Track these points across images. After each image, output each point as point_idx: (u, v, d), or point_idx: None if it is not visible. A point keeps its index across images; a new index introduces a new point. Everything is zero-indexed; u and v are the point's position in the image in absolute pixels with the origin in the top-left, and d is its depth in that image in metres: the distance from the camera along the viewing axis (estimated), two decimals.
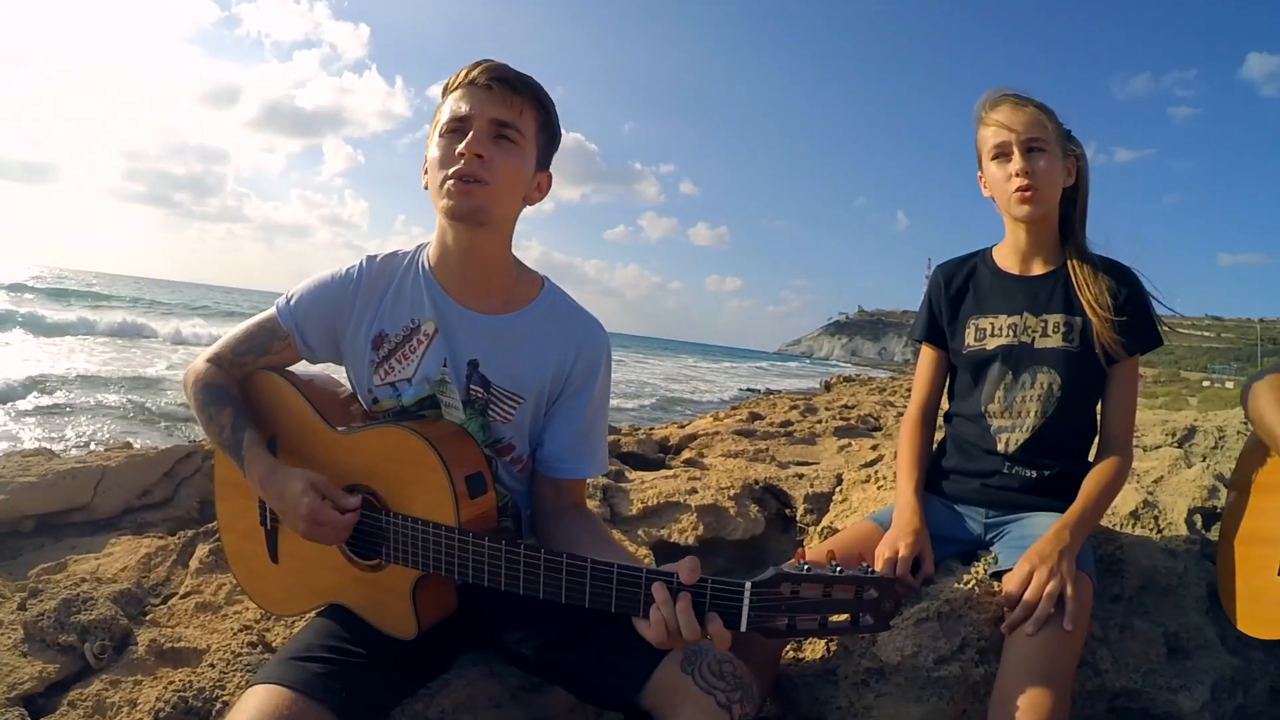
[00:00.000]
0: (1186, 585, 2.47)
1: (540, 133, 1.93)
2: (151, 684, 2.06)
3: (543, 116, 1.93)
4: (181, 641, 2.24)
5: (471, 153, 1.80)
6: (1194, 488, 3.01)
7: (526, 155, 1.89)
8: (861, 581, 1.46)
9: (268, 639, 2.27)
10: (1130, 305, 2.22)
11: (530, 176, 1.93)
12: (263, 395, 2.03)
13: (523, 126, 1.87)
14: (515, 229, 2.01)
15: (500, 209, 1.88)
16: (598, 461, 2.09)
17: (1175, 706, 2.17)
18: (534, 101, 1.89)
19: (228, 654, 2.15)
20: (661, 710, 1.71)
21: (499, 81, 1.84)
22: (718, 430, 5.97)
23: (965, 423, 2.39)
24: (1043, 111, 2.25)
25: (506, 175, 1.85)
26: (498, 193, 1.84)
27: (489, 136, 1.83)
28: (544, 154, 1.97)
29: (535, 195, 1.99)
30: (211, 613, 2.41)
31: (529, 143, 1.89)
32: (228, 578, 2.50)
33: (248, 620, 2.35)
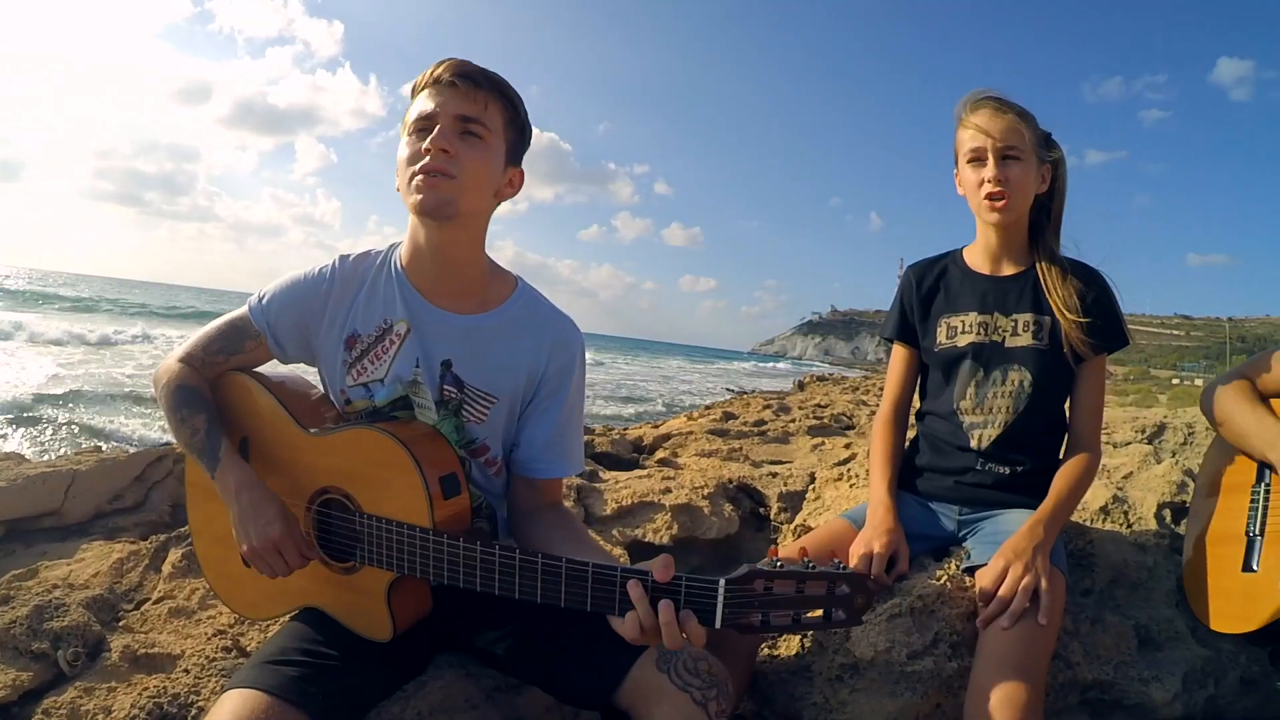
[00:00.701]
0: (1156, 579, 2.51)
1: (508, 127, 1.92)
2: (126, 691, 2.04)
3: (509, 111, 1.92)
4: (155, 647, 2.22)
5: (437, 148, 1.80)
6: (1163, 483, 3.04)
7: (493, 150, 1.88)
8: (834, 577, 1.47)
9: (242, 643, 2.25)
10: (1098, 307, 2.26)
11: (499, 171, 1.93)
12: (234, 397, 2.01)
13: (488, 121, 1.86)
14: (489, 229, 2.00)
15: (467, 203, 1.87)
16: (573, 461, 2.08)
17: (1147, 698, 2.20)
18: (500, 96, 1.89)
19: (202, 659, 2.14)
20: (637, 709, 1.71)
21: (463, 78, 1.84)
22: (691, 430, 5.99)
23: (937, 420, 2.41)
24: (1022, 119, 2.27)
25: (473, 169, 1.84)
26: (464, 186, 1.84)
27: (455, 132, 1.83)
28: (513, 149, 1.96)
29: (507, 191, 1.98)
30: (185, 618, 2.39)
31: (496, 137, 1.88)
32: (201, 582, 2.48)
33: (221, 625, 2.33)
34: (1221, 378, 2.39)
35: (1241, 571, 2.12)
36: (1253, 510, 2.17)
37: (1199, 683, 2.29)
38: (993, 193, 2.24)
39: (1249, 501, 2.19)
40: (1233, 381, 2.30)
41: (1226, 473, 2.32)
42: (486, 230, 2.00)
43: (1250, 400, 2.22)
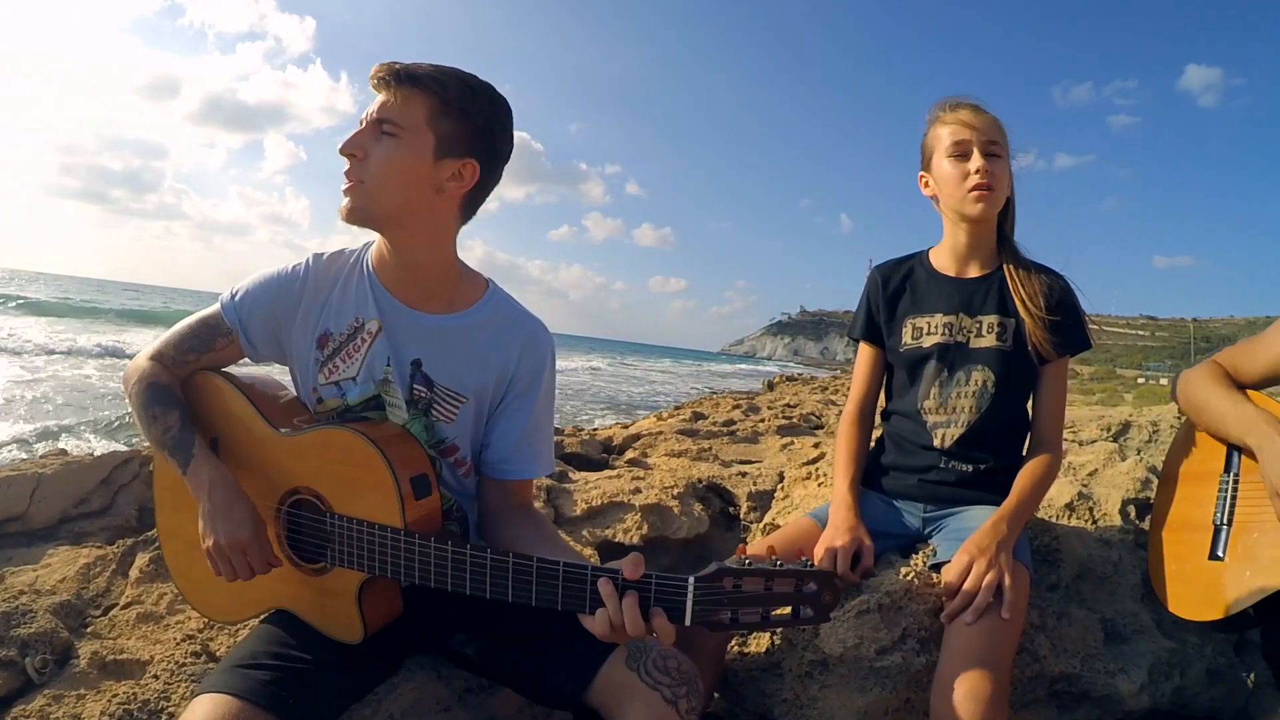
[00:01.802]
0: (1121, 573, 2.56)
1: (436, 118, 1.83)
2: (95, 698, 2.02)
3: (436, 102, 1.83)
4: (124, 653, 2.20)
5: (345, 153, 1.80)
6: (1128, 480, 3.09)
7: (410, 144, 1.81)
8: (801, 575, 1.49)
9: (211, 648, 2.24)
10: (1062, 308, 2.29)
11: (427, 165, 1.84)
12: (204, 396, 2.00)
13: (403, 117, 1.80)
14: (457, 230, 1.97)
15: (383, 206, 1.83)
16: (543, 462, 2.08)
17: (1114, 689, 2.24)
18: (420, 89, 1.82)
19: (171, 664, 2.13)
20: (609, 707, 1.72)
21: (382, 80, 1.82)
22: (661, 430, 6.00)
23: (902, 419, 2.43)
24: (999, 122, 2.32)
25: (381, 170, 1.80)
26: (372, 190, 1.80)
27: (371, 135, 1.81)
28: (449, 140, 1.85)
29: (453, 185, 1.88)
30: (154, 623, 2.37)
31: (415, 131, 1.81)
32: (169, 587, 2.47)
33: (191, 630, 2.32)
34: (1194, 365, 2.41)
35: (1208, 560, 2.15)
36: (1220, 499, 2.19)
37: (1165, 674, 2.33)
38: (981, 183, 2.25)
39: (1216, 491, 2.21)
40: (1203, 367, 2.33)
41: (1194, 462, 2.34)
42: (450, 230, 1.97)
43: (1225, 385, 2.24)
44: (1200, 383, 2.29)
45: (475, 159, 1.88)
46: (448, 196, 1.88)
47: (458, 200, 1.92)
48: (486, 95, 1.89)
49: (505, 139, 1.94)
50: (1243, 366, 2.27)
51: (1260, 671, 2.51)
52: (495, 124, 1.91)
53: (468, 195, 1.92)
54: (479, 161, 1.89)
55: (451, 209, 1.92)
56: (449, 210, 1.92)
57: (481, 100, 1.88)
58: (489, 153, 1.91)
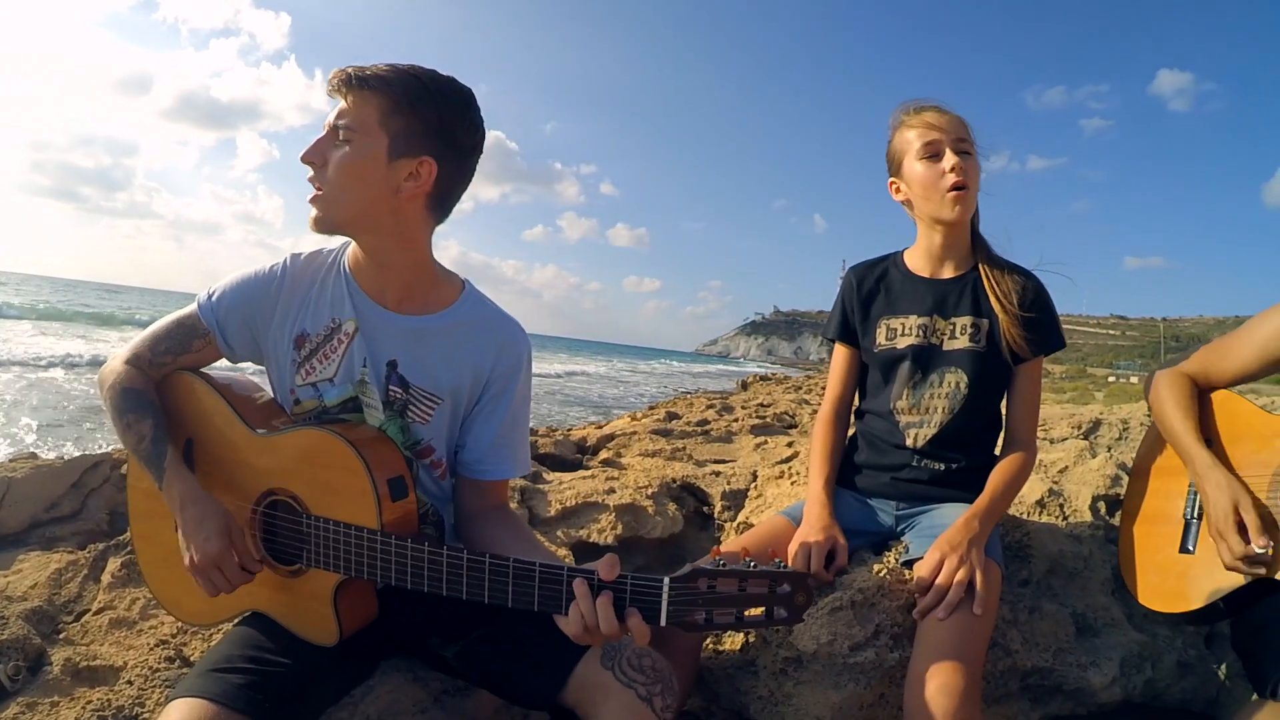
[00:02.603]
0: (1092, 568, 2.60)
1: (389, 118, 1.80)
2: (69, 705, 2.00)
3: (388, 101, 1.80)
4: (98, 660, 2.18)
5: (305, 161, 1.82)
6: (1098, 476, 3.13)
7: (364, 147, 1.79)
8: (775, 576, 1.50)
9: (185, 653, 2.23)
10: (1036, 307, 2.31)
11: (381, 167, 1.81)
12: (180, 397, 1.98)
13: (356, 120, 1.79)
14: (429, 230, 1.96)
15: (344, 211, 1.82)
16: (519, 462, 2.08)
17: (1086, 682, 2.28)
18: (372, 90, 1.80)
19: (145, 670, 2.11)
20: (584, 707, 1.73)
21: (335, 86, 1.81)
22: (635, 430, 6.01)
23: (876, 419, 2.45)
24: (964, 120, 2.33)
25: (338, 175, 1.79)
26: (331, 196, 1.80)
27: (329, 142, 1.81)
28: (402, 139, 1.81)
29: (411, 185, 1.84)
30: (127, 628, 2.36)
31: (368, 133, 1.79)
32: (142, 591, 2.45)
33: (164, 635, 2.30)
34: (1166, 365, 2.45)
35: (1178, 553, 2.20)
36: (1191, 494, 2.24)
37: (1136, 667, 2.37)
38: (957, 182, 2.26)
39: (1187, 486, 2.26)
40: (1173, 377, 2.36)
41: (1165, 458, 2.39)
42: (420, 231, 1.94)
43: (1181, 407, 2.28)
44: (1164, 402, 2.33)
45: (432, 157, 1.85)
46: (407, 197, 1.85)
47: (420, 200, 1.88)
48: (440, 90, 1.85)
49: (466, 132, 1.90)
50: (1214, 368, 2.32)
51: (1231, 663, 2.55)
52: (451, 118, 1.87)
53: (432, 194, 1.89)
54: (436, 159, 1.85)
55: (417, 209, 1.89)
56: (414, 210, 1.89)
57: (434, 95, 1.84)
58: (447, 149, 1.87)
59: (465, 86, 1.88)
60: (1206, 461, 2.14)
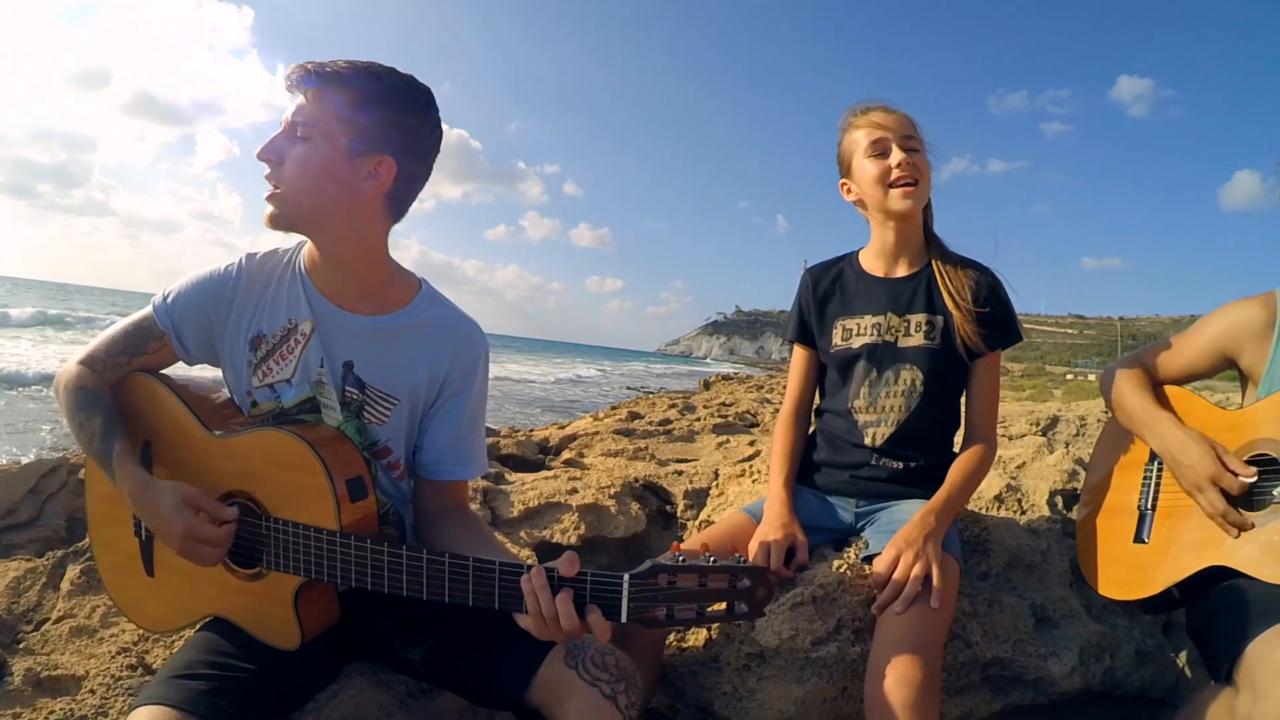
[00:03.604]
0: (1050, 561, 2.64)
1: (349, 116, 1.79)
2: (31, 715, 1.99)
3: (349, 99, 1.78)
4: (59, 669, 2.16)
5: (261, 159, 1.81)
6: (1055, 472, 3.18)
7: (323, 145, 1.78)
8: (735, 571, 1.52)
9: (147, 660, 2.21)
10: (991, 302, 2.34)
11: (342, 164, 1.80)
12: (138, 399, 1.96)
13: (314, 118, 1.78)
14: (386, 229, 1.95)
15: (301, 208, 1.82)
16: (476, 463, 2.08)
17: (1046, 672, 2.32)
18: (332, 87, 1.78)
19: (107, 678, 2.10)
20: (549, 706, 1.73)
21: (294, 81, 1.80)
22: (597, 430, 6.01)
23: (834, 418, 2.47)
24: (911, 118, 2.36)
25: (294, 173, 1.79)
26: (289, 194, 1.80)
27: (286, 139, 1.80)
28: (363, 138, 1.81)
29: (370, 185, 1.84)
30: (88, 636, 2.34)
31: (327, 131, 1.78)
32: (102, 599, 2.43)
33: (125, 642, 2.28)
34: (1120, 361, 2.51)
35: (1133, 543, 2.25)
36: (1145, 485, 2.30)
37: (1095, 656, 2.42)
38: (902, 177, 2.28)
39: (1141, 478, 2.31)
40: (1128, 368, 2.42)
41: (1121, 451, 2.44)
42: (377, 230, 1.93)
43: (1140, 387, 2.35)
44: (1119, 383, 2.40)
45: (391, 156, 1.84)
46: (366, 196, 1.85)
47: (378, 199, 1.87)
48: (400, 88, 1.84)
49: (426, 130, 1.90)
50: (1166, 365, 2.39)
51: (1189, 651, 2.62)
52: (410, 117, 1.86)
53: (390, 193, 1.88)
54: (395, 158, 1.85)
55: (374, 208, 1.88)
56: (372, 210, 1.88)
57: (395, 94, 1.83)
58: (406, 148, 1.87)
59: (424, 85, 1.88)
60: (1172, 422, 2.21)
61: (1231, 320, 2.27)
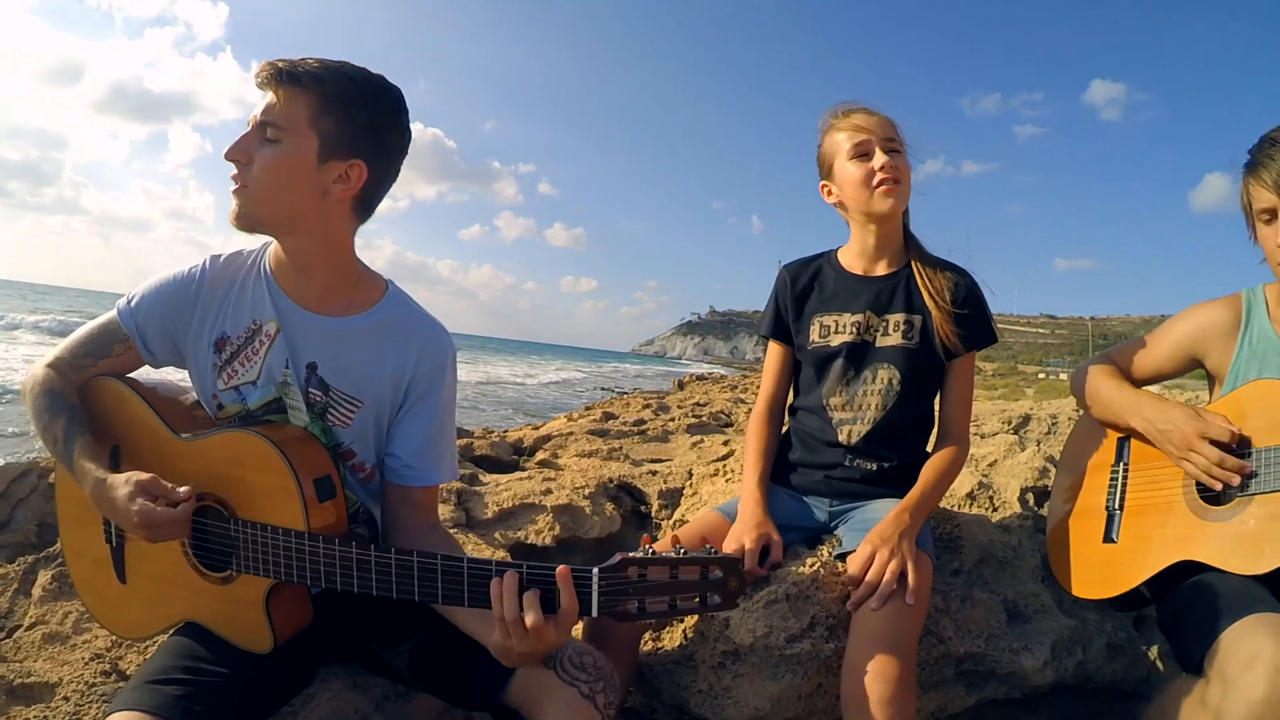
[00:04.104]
0: (1022, 557, 2.66)
1: (320, 117, 1.78)
2: None
3: (318, 101, 1.77)
4: (32, 676, 2.13)
5: (229, 158, 1.79)
6: (1026, 469, 3.21)
7: (292, 147, 1.77)
8: (706, 562, 1.53)
9: (121, 666, 2.19)
10: (969, 303, 2.36)
11: (311, 168, 1.79)
12: (104, 403, 1.95)
13: (285, 119, 1.76)
14: (353, 231, 1.94)
15: (265, 211, 1.81)
16: (446, 467, 2.06)
17: (1019, 666, 2.35)
18: (302, 88, 1.76)
19: (81, 685, 2.07)
20: (528, 706, 1.74)
21: (265, 79, 1.78)
22: (572, 431, 6.00)
23: (809, 415, 2.48)
24: (892, 120, 2.38)
25: (263, 173, 1.77)
26: (254, 195, 1.78)
27: (255, 139, 1.77)
28: (333, 141, 1.80)
29: (340, 188, 1.83)
30: (60, 643, 2.31)
31: (297, 134, 1.77)
32: (74, 605, 2.40)
33: (99, 649, 2.26)
34: (1090, 360, 2.56)
35: (1103, 543, 2.28)
36: (1112, 486, 2.33)
37: (1067, 650, 2.45)
38: (886, 178, 2.29)
39: (1108, 479, 2.35)
40: (1100, 363, 2.47)
41: (1088, 453, 2.47)
42: (344, 232, 1.93)
43: (1115, 377, 2.39)
44: (1093, 376, 2.44)
45: (362, 159, 1.84)
46: (335, 199, 1.84)
47: (347, 202, 1.87)
48: (372, 90, 1.83)
49: (396, 134, 1.89)
50: (1135, 363, 2.44)
51: (1160, 644, 2.66)
52: (383, 120, 1.86)
53: (359, 196, 1.88)
54: (366, 162, 1.84)
55: (343, 211, 1.88)
56: (340, 212, 1.88)
57: (367, 96, 1.82)
58: (377, 151, 1.87)
59: (395, 86, 1.87)
60: (1150, 397, 2.26)
61: (1198, 321, 2.32)
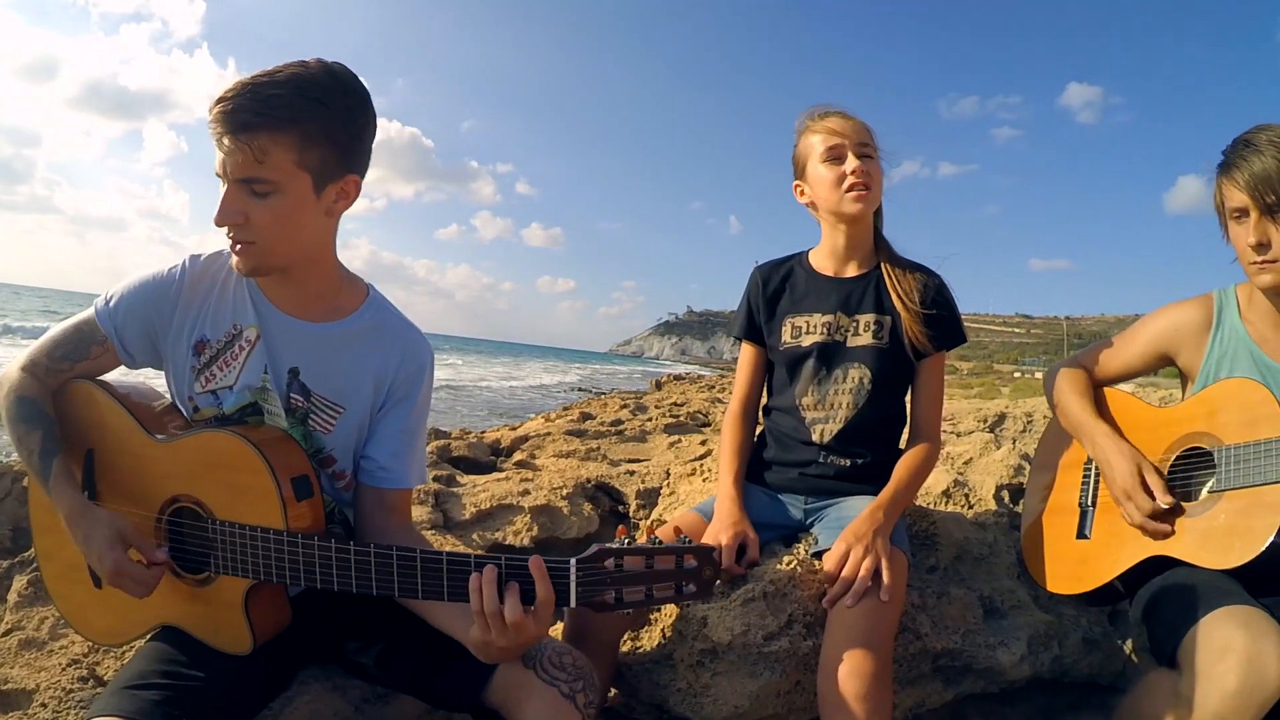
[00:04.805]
0: (997, 553, 2.69)
1: (306, 154, 1.73)
2: None
3: (300, 137, 1.70)
4: (8, 683, 2.12)
5: (227, 223, 1.73)
6: (1001, 467, 3.24)
7: (289, 192, 1.73)
8: (681, 551, 1.55)
9: (99, 672, 2.17)
10: (938, 304, 2.39)
11: (311, 202, 1.78)
12: (79, 406, 1.93)
13: (270, 171, 1.69)
14: (336, 236, 1.94)
15: (282, 255, 1.80)
16: (416, 471, 2.05)
17: (995, 661, 2.37)
18: (280, 128, 1.68)
19: (59, 691, 2.06)
20: (508, 706, 1.74)
21: (231, 132, 1.66)
22: (549, 431, 6.00)
23: (782, 415, 2.50)
24: (867, 125, 2.41)
25: (268, 226, 1.73)
26: (266, 247, 1.76)
27: (243, 195, 1.71)
28: (327, 167, 1.78)
29: (339, 206, 1.86)
30: (37, 649, 2.28)
31: (289, 178, 1.72)
32: (50, 610, 2.37)
33: (75, 654, 2.24)
34: (1061, 362, 2.61)
35: (1076, 539, 2.33)
36: (1085, 484, 2.39)
37: (1044, 645, 2.48)
38: (856, 183, 2.32)
39: (1081, 476, 2.40)
40: (1070, 369, 2.52)
41: (1061, 451, 2.53)
42: (332, 241, 1.93)
43: (1079, 391, 2.43)
44: (1060, 385, 2.49)
45: (354, 172, 1.84)
46: (336, 215, 1.87)
47: (341, 213, 1.90)
48: (344, 104, 1.77)
49: (372, 131, 1.86)
50: (1107, 363, 2.49)
51: (1135, 638, 2.69)
52: (361, 127, 1.83)
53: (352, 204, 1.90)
54: (358, 173, 1.85)
55: (336, 221, 1.90)
56: (334, 223, 1.90)
57: (342, 113, 1.77)
58: (363, 155, 1.86)
59: (357, 80, 1.81)
60: (1105, 432, 2.29)
61: (1171, 320, 2.36)
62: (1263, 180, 1.99)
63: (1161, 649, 1.97)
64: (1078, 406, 2.39)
